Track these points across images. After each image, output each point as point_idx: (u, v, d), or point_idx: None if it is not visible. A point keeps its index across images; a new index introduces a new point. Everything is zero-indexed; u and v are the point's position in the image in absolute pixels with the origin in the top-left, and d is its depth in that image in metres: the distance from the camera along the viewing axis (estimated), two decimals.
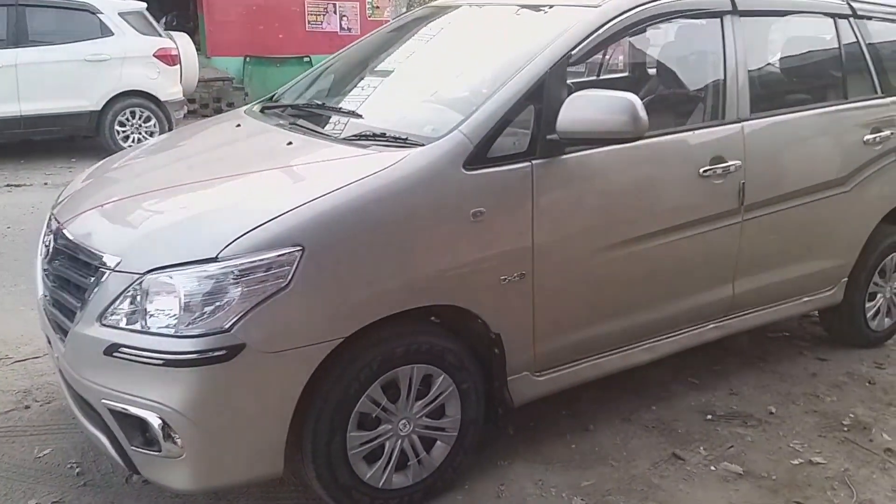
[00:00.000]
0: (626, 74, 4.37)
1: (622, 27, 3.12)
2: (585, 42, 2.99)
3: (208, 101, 12.55)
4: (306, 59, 13.19)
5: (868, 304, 4.15)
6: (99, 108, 8.98)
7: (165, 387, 2.33)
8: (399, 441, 2.76)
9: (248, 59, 13.54)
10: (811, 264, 3.77)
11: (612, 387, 3.62)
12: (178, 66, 9.47)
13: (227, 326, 2.30)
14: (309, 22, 14.85)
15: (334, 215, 2.48)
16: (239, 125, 3.52)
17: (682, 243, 3.22)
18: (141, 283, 2.37)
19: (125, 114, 9.15)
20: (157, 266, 2.38)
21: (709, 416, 3.44)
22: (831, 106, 3.74)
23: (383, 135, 2.89)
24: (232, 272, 2.33)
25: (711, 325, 3.53)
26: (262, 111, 3.65)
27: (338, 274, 2.48)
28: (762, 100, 3.50)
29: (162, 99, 9.28)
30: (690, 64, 3.67)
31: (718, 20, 3.38)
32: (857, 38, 3.85)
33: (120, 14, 9.09)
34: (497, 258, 2.77)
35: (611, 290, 3.12)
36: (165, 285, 2.36)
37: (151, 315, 2.37)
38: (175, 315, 2.33)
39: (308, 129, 3.18)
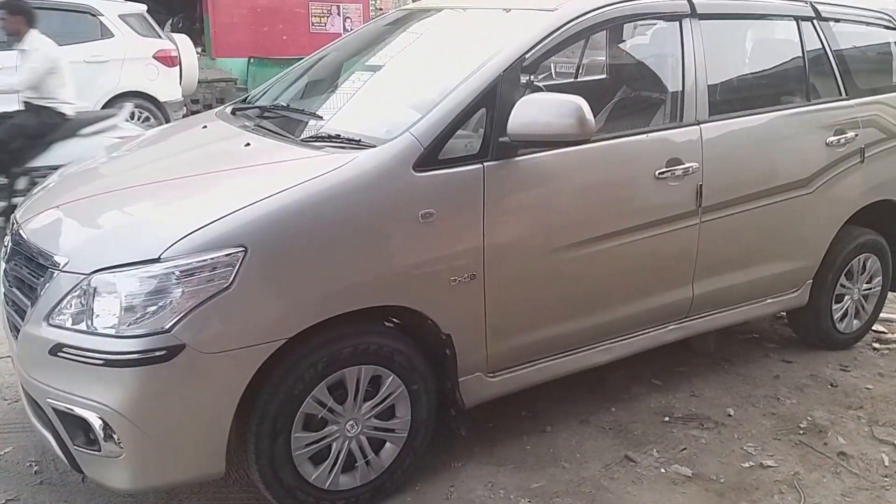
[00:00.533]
0: (589, 77, 4.39)
1: (578, 30, 3.14)
2: (540, 45, 3.01)
3: (212, 101, 12.59)
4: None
5: (835, 307, 4.15)
6: (98, 108, 9.02)
7: (106, 387, 2.37)
8: (346, 442, 2.79)
9: (252, 60, 13.60)
10: (774, 266, 3.78)
11: (575, 388, 3.65)
12: (177, 67, 9.54)
13: (167, 327, 2.34)
14: (312, 24, 14.90)
15: (278, 217, 2.51)
16: (205, 126, 3.55)
17: (639, 245, 3.23)
18: (87, 283, 2.41)
19: None
20: (103, 266, 2.42)
21: (666, 418, 3.46)
22: (793, 108, 3.74)
23: (338, 136, 2.92)
24: (174, 273, 2.36)
25: (672, 326, 3.55)
26: (232, 113, 3.68)
27: (282, 275, 2.51)
28: (722, 102, 3.53)
29: (161, 100, 9.34)
30: (650, 67, 3.69)
31: (677, 23, 3.39)
32: (821, 40, 3.85)
33: (120, 16, 9.17)
34: (447, 259, 2.80)
35: (565, 292, 3.13)
36: (109, 285, 2.40)
37: (97, 315, 2.40)
38: (117, 315, 2.36)
39: (269, 130, 3.21)
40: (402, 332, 2.87)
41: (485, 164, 2.83)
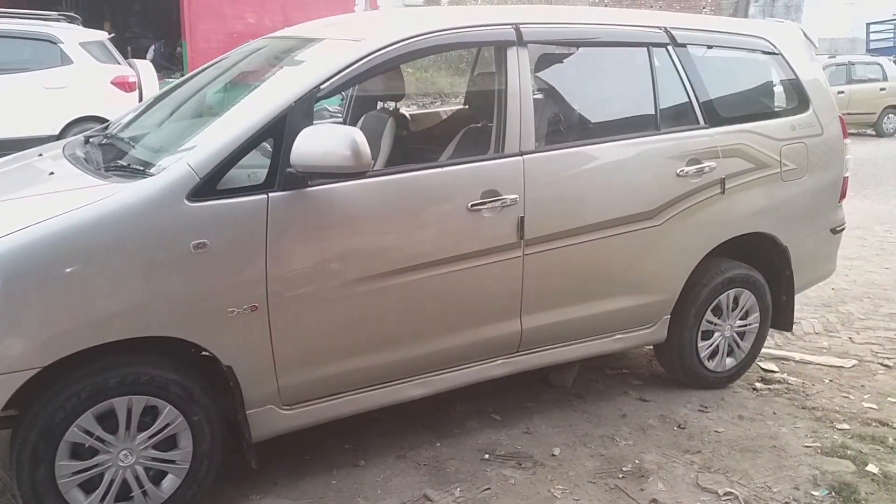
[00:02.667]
0: (448, 108, 4.35)
1: (384, 60, 3.11)
2: (339, 75, 2.99)
3: None
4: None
5: (702, 343, 4.03)
6: (56, 132, 9.18)
7: None
8: (120, 471, 2.75)
9: (227, 84, 13.71)
10: (620, 300, 3.68)
11: (409, 420, 3.60)
12: (136, 92, 9.66)
13: None
14: None
15: (35, 247, 2.51)
16: (41, 154, 3.56)
17: (451, 277, 3.17)
18: None
19: None
20: None
21: (486, 456, 3.36)
22: (637, 138, 3.65)
23: (128, 165, 2.92)
24: None
25: (500, 361, 3.47)
26: (86, 140, 3.69)
27: (37, 304, 2.50)
28: (554, 132, 3.48)
29: None
30: (485, 96, 3.62)
31: (502, 52, 3.34)
32: (676, 67, 3.76)
33: (81, 44, 9.38)
34: (223, 290, 2.76)
35: (366, 324, 3.07)
36: None
37: None
38: None
39: (79, 158, 3.21)
40: (179, 362, 2.83)
41: (269, 194, 2.80)
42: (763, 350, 4.70)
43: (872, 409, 4.05)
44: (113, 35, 11.20)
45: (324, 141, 2.74)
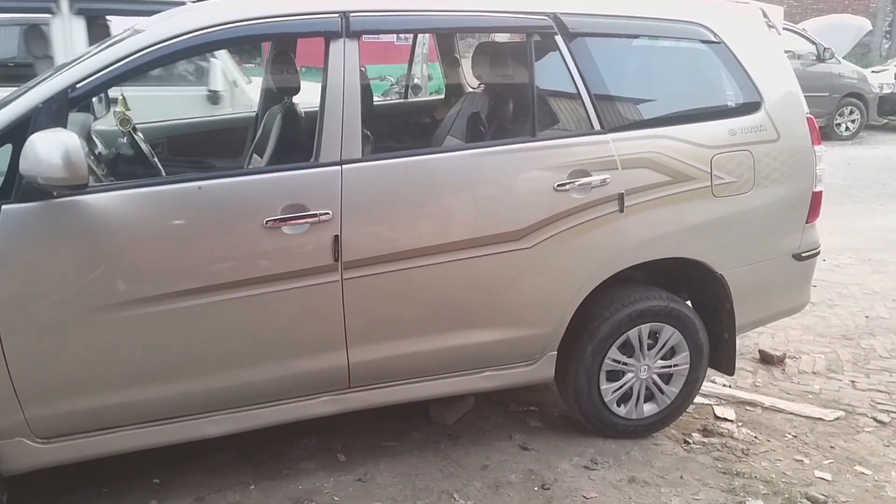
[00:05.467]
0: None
1: (163, 55, 2.73)
2: (99, 74, 2.64)
3: None
4: (362, 69, 13.10)
5: (607, 386, 3.40)
6: None
7: None
8: None
9: (302, 69, 13.68)
10: (482, 334, 3.13)
11: (243, 454, 3.30)
12: None
13: None
14: None
15: None
16: None
17: (250, 302, 2.77)
18: None
19: None
20: None
21: None
22: (501, 145, 3.09)
23: None
24: None
25: (326, 398, 3.03)
26: None
27: None
28: (393, 138, 2.97)
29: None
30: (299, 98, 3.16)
31: (326, 44, 2.87)
32: (564, 60, 3.14)
33: None
34: None
35: (133, 354, 2.73)
36: None
37: None
38: None
39: None
40: None
41: (2, 206, 2.50)
42: (727, 391, 4.03)
43: (822, 481, 3.30)
44: None
45: (42, 149, 2.40)
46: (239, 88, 6.84)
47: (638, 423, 3.52)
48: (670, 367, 3.48)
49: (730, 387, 4.19)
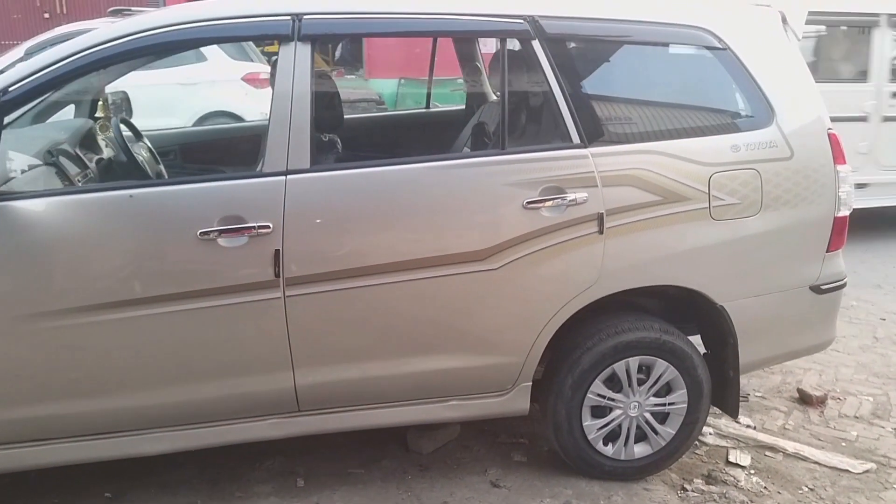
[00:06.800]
0: None
1: (98, 59, 2.66)
2: (30, 78, 2.59)
3: None
4: (459, 81, 13.03)
5: (591, 423, 3.12)
6: (191, 125, 9.60)
7: None
8: None
9: (402, 80, 13.71)
10: (443, 360, 2.91)
11: (203, 472, 3.18)
12: (267, 88, 9.82)
13: None
14: None
15: None
16: None
17: (175, 318, 2.66)
18: None
19: None
20: None
21: None
22: (466, 158, 2.88)
23: None
24: None
25: (273, 421, 2.89)
26: None
27: None
28: (350, 148, 2.81)
29: (247, 118, 9.67)
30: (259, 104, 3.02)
31: (278, 47, 2.75)
32: (542, 68, 2.90)
33: None
34: None
35: (59, 366, 2.65)
36: None
37: None
38: None
39: None
40: None
41: None
42: (749, 433, 3.66)
43: None
44: None
45: None
46: None
47: (627, 465, 3.21)
48: (665, 405, 3.16)
49: (754, 428, 3.80)
